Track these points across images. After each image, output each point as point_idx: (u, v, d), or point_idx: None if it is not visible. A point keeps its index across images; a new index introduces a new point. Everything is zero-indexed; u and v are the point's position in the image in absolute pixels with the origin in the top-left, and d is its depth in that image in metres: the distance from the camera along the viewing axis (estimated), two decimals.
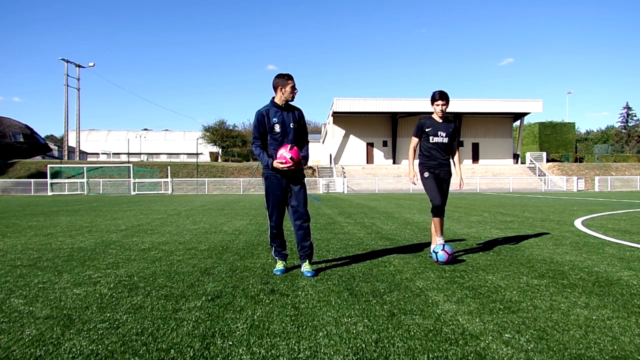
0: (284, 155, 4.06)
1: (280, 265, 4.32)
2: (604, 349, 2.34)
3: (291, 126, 4.20)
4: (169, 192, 36.21)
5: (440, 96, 4.84)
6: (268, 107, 4.22)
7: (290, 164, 4.07)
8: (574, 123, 57.27)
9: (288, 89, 4.15)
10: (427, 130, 4.90)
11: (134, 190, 36.63)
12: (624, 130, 76.77)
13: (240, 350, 2.35)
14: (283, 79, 4.15)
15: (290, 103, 4.28)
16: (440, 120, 4.93)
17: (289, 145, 4.11)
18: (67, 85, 48.99)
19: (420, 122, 4.99)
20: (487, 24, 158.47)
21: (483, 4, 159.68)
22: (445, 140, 4.88)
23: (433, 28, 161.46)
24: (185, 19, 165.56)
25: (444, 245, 4.61)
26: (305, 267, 4.21)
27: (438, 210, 4.87)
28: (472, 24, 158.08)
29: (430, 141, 4.89)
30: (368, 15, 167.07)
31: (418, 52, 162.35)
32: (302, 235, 4.26)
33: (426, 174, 4.91)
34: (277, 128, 4.16)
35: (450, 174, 4.99)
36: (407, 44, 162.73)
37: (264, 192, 4.37)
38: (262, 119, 4.18)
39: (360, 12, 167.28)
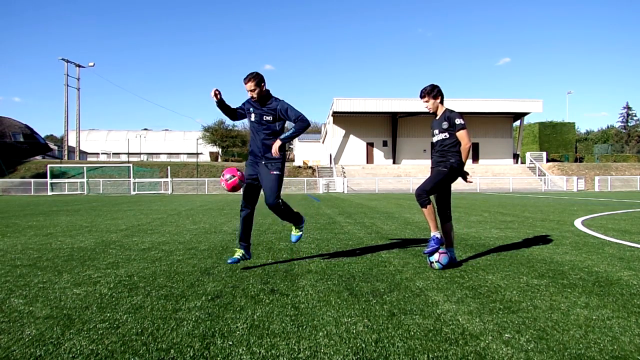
0: (225, 177, 4.28)
1: (236, 254, 4.39)
2: (604, 349, 2.34)
3: (265, 119, 4.34)
4: (169, 192, 36.20)
5: (420, 94, 4.59)
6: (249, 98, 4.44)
7: (224, 187, 4.31)
8: (574, 123, 57.38)
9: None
10: (431, 130, 4.76)
11: (134, 190, 36.63)
12: (623, 130, 76.84)
13: (240, 350, 2.35)
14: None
15: (273, 95, 4.41)
16: (436, 117, 4.68)
17: (238, 172, 4.29)
18: (67, 85, 49.07)
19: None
20: (482, 24, 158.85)
21: (478, 3, 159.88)
22: (440, 136, 4.56)
23: (429, 27, 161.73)
24: (184, 18, 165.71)
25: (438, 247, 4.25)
26: (293, 232, 4.71)
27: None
28: (468, 23, 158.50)
29: (432, 141, 4.73)
30: (367, 15, 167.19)
31: (416, 51, 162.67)
32: (277, 217, 4.54)
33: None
34: (253, 117, 4.40)
35: (443, 168, 4.43)
36: (404, 44, 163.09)
37: None
38: (244, 104, 4.48)
39: (359, 12, 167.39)
